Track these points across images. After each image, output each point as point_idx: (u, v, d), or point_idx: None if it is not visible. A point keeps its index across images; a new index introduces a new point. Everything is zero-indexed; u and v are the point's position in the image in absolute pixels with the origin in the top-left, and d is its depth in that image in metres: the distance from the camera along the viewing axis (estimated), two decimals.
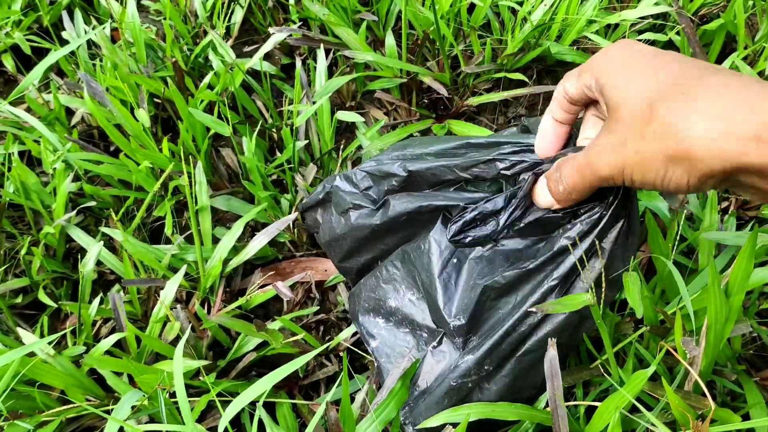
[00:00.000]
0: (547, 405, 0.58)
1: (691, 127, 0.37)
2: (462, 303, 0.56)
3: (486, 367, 0.55)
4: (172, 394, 0.63)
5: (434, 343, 0.59)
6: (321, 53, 0.92)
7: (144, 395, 0.60)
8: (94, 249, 0.73)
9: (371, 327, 0.65)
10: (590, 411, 0.59)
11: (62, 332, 0.65)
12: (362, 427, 0.58)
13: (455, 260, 0.57)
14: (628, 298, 0.53)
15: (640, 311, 0.53)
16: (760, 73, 0.85)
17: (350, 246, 0.67)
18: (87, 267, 0.72)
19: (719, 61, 0.94)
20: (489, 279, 0.55)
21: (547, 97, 0.97)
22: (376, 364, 0.65)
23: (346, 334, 0.72)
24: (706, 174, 0.37)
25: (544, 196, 0.51)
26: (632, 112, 0.40)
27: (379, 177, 0.62)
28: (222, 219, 0.89)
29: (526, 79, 0.91)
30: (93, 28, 0.96)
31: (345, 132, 0.98)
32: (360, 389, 0.64)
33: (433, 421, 0.55)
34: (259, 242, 0.74)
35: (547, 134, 0.51)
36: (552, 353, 0.54)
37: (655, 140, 0.38)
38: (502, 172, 0.54)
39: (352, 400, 0.64)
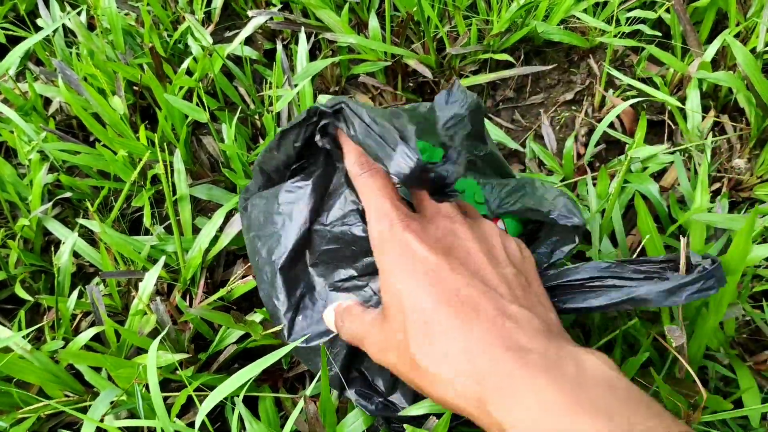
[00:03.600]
0: None
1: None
2: None
3: None
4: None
5: None
6: (302, 36, 0.90)
7: (122, 390, 0.58)
8: (68, 240, 0.71)
9: None
10: None
11: (37, 326, 0.64)
12: (348, 421, 0.57)
13: None
14: None
15: None
16: (753, 51, 0.83)
17: None
18: (62, 259, 0.70)
19: (710, 39, 0.92)
20: None
21: (535, 78, 0.95)
22: None
23: None
24: None
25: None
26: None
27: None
28: (204, 209, 0.87)
29: (513, 60, 0.89)
30: (67, 14, 0.93)
31: None
32: None
33: (415, 410, 0.54)
34: (233, 230, 0.72)
35: None
36: None
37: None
38: (295, 145, 0.50)
39: None
